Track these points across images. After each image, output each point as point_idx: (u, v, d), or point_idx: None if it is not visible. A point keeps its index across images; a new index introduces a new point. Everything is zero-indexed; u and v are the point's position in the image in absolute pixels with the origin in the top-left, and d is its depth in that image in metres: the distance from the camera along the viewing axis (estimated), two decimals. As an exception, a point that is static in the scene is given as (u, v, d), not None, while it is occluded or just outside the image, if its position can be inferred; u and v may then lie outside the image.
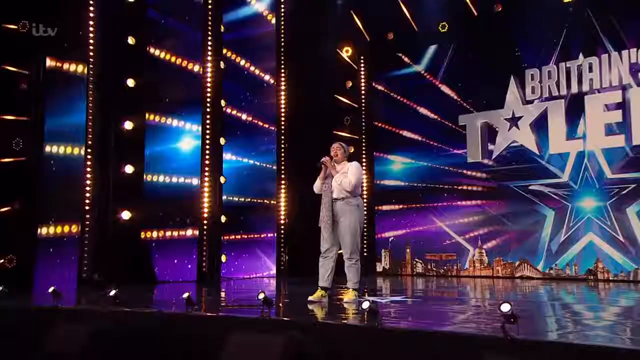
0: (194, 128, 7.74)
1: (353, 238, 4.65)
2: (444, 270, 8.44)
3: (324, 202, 4.72)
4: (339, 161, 4.84)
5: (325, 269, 4.73)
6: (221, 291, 6.65)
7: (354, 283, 4.73)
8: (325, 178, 4.80)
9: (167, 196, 7.30)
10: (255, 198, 8.51)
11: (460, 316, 4.15)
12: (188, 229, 7.54)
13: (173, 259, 7.38)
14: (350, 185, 4.69)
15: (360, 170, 4.81)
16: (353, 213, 4.69)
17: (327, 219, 4.68)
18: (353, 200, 4.75)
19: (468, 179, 8.25)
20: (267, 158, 8.68)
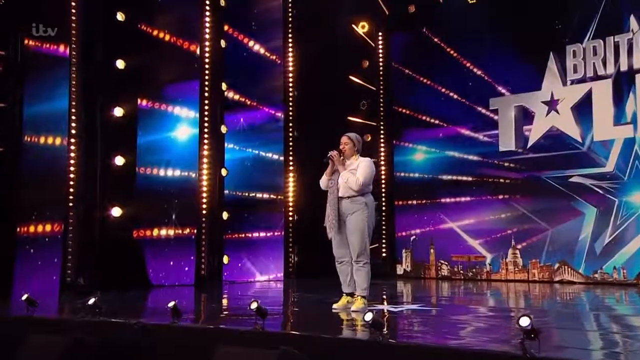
0: (192, 115, 7.67)
1: (361, 238, 4.62)
2: (473, 274, 8.30)
3: (330, 200, 4.71)
4: (348, 156, 4.79)
5: (344, 274, 4.75)
6: (223, 297, 6.67)
7: (362, 289, 4.68)
8: (332, 174, 4.76)
9: (162, 191, 7.24)
10: (261, 192, 8.45)
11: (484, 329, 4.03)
12: (185, 227, 7.47)
13: (169, 261, 7.32)
14: (357, 185, 4.66)
15: (372, 168, 4.77)
16: (361, 212, 4.67)
17: (333, 218, 4.65)
18: (361, 198, 4.72)
19: (500, 171, 8.11)
20: (274, 147, 8.62)
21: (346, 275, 4.74)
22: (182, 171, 7.53)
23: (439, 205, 8.65)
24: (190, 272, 7.49)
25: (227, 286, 7.61)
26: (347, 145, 4.81)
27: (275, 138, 8.63)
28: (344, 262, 4.75)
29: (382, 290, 6.94)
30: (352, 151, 4.80)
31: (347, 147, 4.81)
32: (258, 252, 8.35)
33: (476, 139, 8.33)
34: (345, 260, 4.73)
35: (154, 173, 7.26)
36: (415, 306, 5.43)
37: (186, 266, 7.48)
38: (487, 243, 8.22)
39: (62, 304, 5.65)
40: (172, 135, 7.49)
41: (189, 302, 6.20)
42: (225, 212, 7.93)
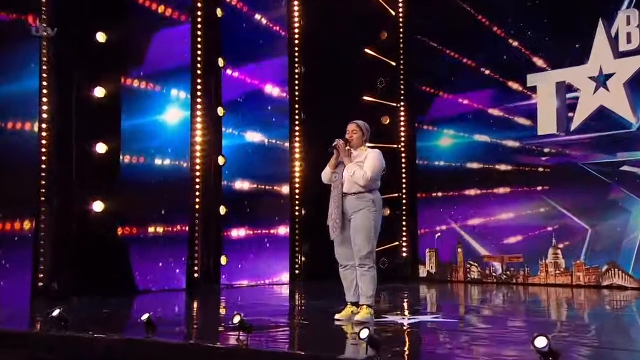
0: (183, 95, 7.59)
1: (366, 240, 4.60)
2: (508, 277, 8.21)
3: (333, 197, 4.69)
4: (355, 146, 4.77)
5: (349, 280, 4.75)
6: (217, 304, 6.63)
7: (367, 297, 4.64)
8: (336, 166, 4.75)
9: (150, 183, 7.18)
10: (264, 184, 8.40)
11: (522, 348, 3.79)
12: (177, 224, 7.41)
13: (157, 263, 7.25)
14: (364, 180, 4.64)
15: (381, 162, 4.74)
16: (367, 210, 4.64)
17: (337, 217, 4.64)
18: (367, 196, 4.69)
19: (539, 158, 8.04)
20: (278, 132, 8.57)
21: (351, 282, 4.73)
22: (173, 160, 7.45)
23: (468, 198, 8.58)
24: (182, 275, 7.44)
25: (224, 291, 7.58)
26: (355, 134, 4.77)
27: (279, 121, 8.59)
28: (348, 267, 4.73)
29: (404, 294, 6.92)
30: (360, 141, 4.77)
31: (355, 136, 4.77)
32: (260, 252, 8.29)
33: (511, 121, 8.26)
34: (350, 264, 4.72)
35: (141, 162, 7.16)
36: (439, 318, 5.34)
37: (177, 268, 7.42)
38: (524, 242, 8.13)
39: (32, 314, 5.58)
40: (161, 119, 7.40)
41: (175, 311, 6.17)
42: (222, 206, 7.85)
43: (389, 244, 8.75)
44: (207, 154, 7.75)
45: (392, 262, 8.87)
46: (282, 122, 8.59)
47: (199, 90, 7.69)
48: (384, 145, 8.78)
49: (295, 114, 8.72)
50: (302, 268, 8.66)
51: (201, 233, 7.64)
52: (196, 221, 7.60)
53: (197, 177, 7.66)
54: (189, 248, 7.50)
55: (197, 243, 7.59)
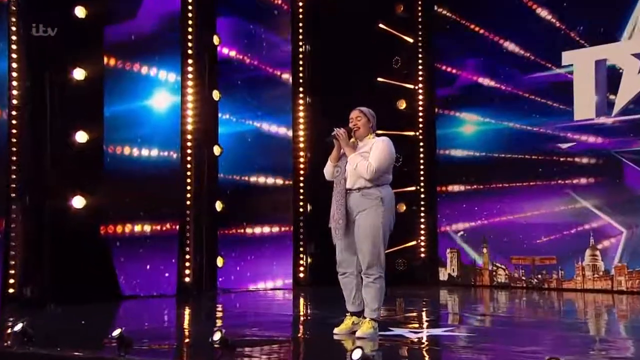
0: (173, 77, 7.52)
1: (373, 244, 4.49)
2: (539, 281, 8.14)
3: (335, 194, 4.58)
4: (361, 136, 4.65)
5: (349, 288, 4.66)
6: (214, 312, 6.58)
7: (372, 310, 4.54)
8: (338, 159, 4.64)
9: (137, 175, 7.14)
10: (264, 176, 8.33)
11: None
12: (166, 221, 7.37)
13: (145, 265, 7.20)
14: (369, 172, 4.50)
15: (390, 151, 4.62)
16: (375, 209, 4.51)
17: (339, 217, 4.51)
18: (374, 192, 4.55)
19: (575, 147, 7.94)
20: (281, 119, 8.50)
21: (351, 290, 4.64)
22: (162, 150, 7.40)
23: (494, 191, 8.49)
24: (172, 279, 7.39)
25: (220, 296, 7.56)
26: (359, 120, 4.65)
27: (282, 106, 8.53)
28: (348, 274, 4.64)
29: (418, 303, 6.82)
30: (366, 129, 4.66)
31: (360, 123, 4.65)
32: (261, 252, 8.24)
33: (544, 105, 8.14)
34: (350, 271, 4.63)
35: (126, 153, 7.11)
36: (458, 331, 5.20)
37: (167, 271, 7.36)
38: (557, 241, 8.05)
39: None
40: (148, 104, 7.34)
41: (160, 322, 6.08)
42: (218, 201, 7.75)
43: (405, 243, 8.72)
44: (200, 143, 7.66)
45: (408, 263, 8.83)
46: (285, 107, 8.53)
47: (190, 72, 7.59)
48: (400, 133, 8.88)
49: (299, 98, 8.65)
50: (307, 271, 8.58)
51: (194, 232, 7.58)
52: (187, 218, 7.53)
53: (189, 170, 7.58)
54: (179, 249, 7.45)
55: (188, 243, 7.52)
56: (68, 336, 4.73)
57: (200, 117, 7.67)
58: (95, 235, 6.83)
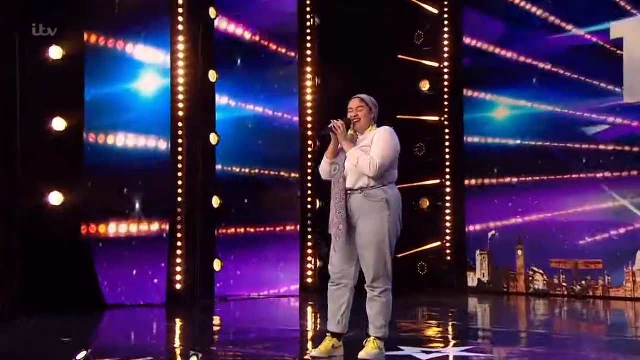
0: (161, 57, 7.43)
1: (379, 253, 4.38)
2: (582, 288, 8.05)
3: (334, 195, 4.49)
4: (362, 128, 4.54)
5: (337, 303, 4.53)
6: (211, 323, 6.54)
7: (378, 328, 4.43)
8: (335, 154, 4.53)
9: (122, 168, 7.10)
10: (268, 168, 8.29)
11: None
12: (155, 220, 7.32)
13: (131, 270, 7.17)
14: (372, 168, 4.37)
15: (394, 140, 4.49)
16: (379, 213, 4.40)
17: (340, 221, 4.39)
18: (379, 192, 4.42)
19: (625, 134, 7.82)
20: (286, 103, 8.47)
21: (340, 306, 4.49)
22: (150, 139, 7.33)
23: (530, 185, 8.39)
24: (161, 286, 7.33)
25: (217, 305, 7.52)
26: (361, 111, 4.53)
27: (287, 88, 8.50)
28: (342, 285, 4.49)
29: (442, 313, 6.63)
30: (367, 120, 4.53)
31: (361, 113, 4.53)
32: (264, 255, 8.22)
33: (589, 85, 8.05)
34: (345, 282, 4.49)
35: (109, 143, 7.05)
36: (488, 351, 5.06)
37: (156, 277, 7.30)
38: (603, 243, 7.99)
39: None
40: (134, 87, 7.29)
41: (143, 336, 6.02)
42: (215, 197, 7.70)
43: (428, 244, 8.74)
44: (193, 130, 7.58)
45: (432, 267, 8.83)
46: (291, 89, 8.48)
47: (182, 50, 7.51)
48: (422, 118, 8.89)
49: (306, 79, 8.56)
50: (316, 275, 8.55)
51: (186, 232, 7.52)
52: (178, 217, 7.46)
53: (180, 162, 7.51)
54: (170, 251, 7.39)
55: (180, 245, 7.44)
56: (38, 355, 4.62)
57: (193, 101, 7.60)
58: (75, 237, 6.79)
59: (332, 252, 4.51)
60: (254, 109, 8.20)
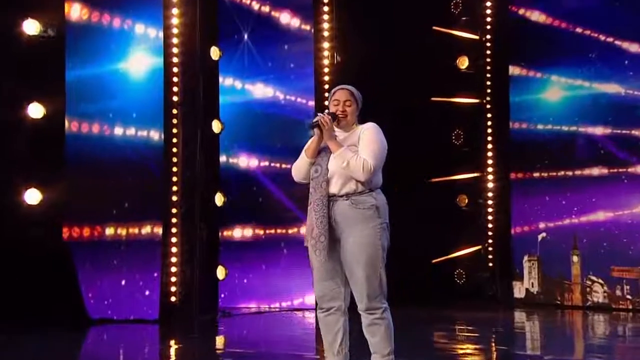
0: (154, 32, 7.42)
1: (373, 270, 4.35)
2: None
3: (314, 202, 4.42)
4: (346, 125, 4.52)
5: (331, 332, 4.48)
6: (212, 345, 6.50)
7: (383, 355, 4.39)
8: (315, 154, 4.49)
9: (108, 162, 7.12)
10: (279, 160, 8.19)
11: None
12: (146, 222, 7.33)
13: (119, 279, 7.18)
14: (365, 170, 4.32)
15: (383, 139, 4.47)
16: (369, 223, 4.36)
17: (320, 233, 4.33)
18: (368, 199, 4.39)
19: None
20: (300, 85, 8.42)
21: (335, 334, 4.43)
22: (140, 128, 7.32)
23: (588, 180, 8.32)
24: (154, 299, 7.26)
25: (221, 320, 7.46)
26: (349, 106, 4.48)
27: (301, 68, 8.45)
28: (333, 311, 4.43)
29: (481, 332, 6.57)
30: (353, 118, 4.52)
31: (349, 109, 4.48)
32: (276, 260, 8.19)
33: None
34: (336, 306, 4.42)
35: (94, 132, 7.05)
36: None
37: (148, 288, 7.26)
38: None
39: None
40: (122, 68, 7.28)
41: None
42: (219, 194, 7.62)
43: (466, 248, 8.67)
44: (192, 117, 7.55)
45: (471, 275, 8.72)
46: (305, 69, 8.42)
47: (176, 25, 7.45)
48: (460, 100, 8.74)
49: (324, 56, 8.47)
50: None
51: (183, 235, 7.49)
52: (173, 219, 7.42)
53: (175, 155, 7.47)
54: (164, 258, 7.35)
55: (174, 251, 7.38)
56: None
57: (191, 83, 7.54)
58: (55, 241, 6.78)
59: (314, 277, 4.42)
60: (263, 92, 8.21)
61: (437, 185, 8.50)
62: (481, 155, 8.79)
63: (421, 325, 6.84)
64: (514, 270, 8.67)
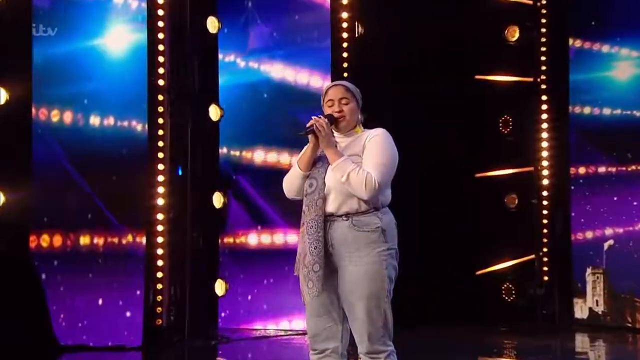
0: (135, 2, 7.43)
1: (375, 305, 4.26)
2: None
3: (308, 223, 4.32)
4: (346, 128, 4.43)
5: None
6: None
7: None
8: (311, 164, 4.41)
9: (83, 157, 7.14)
10: (290, 152, 8.09)
11: None
12: (127, 230, 7.31)
13: (95, 298, 7.13)
14: (369, 187, 4.22)
15: (394, 149, 4.35)
16: (373, 247, 4.26)
17: (314, 260, 4.24)
18: (372, 219, 4.29)
19: None
20: (315, 62, 8.33)
21: None
22: (120, 118, 7.31)
23: None
24: (136, 321, 7.18)
25: (220, 346, 7.46)
26: (346, 104, 4.38)
27: (317, 43, 8.43)
28: (327, 353, 4.36)
29: None
30: (353, 118, 4.41)
31: (346, 108, 4.37)
32: (287, 273, 7.56)
33: None
34: (332, 347, 4.35)
35: (66, 122, 7.07)
36: None
37: (128, 309, 7.20)
38: None
39: None
40: (99, 44, 7.26)
41: None
42: (217, 193, 7.60)
43: (516, 258, 8.55)
44: (182, 104, 7.52)
45: (523, 291, 8.58)
46: (321, 43, 8.36)
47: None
48: (508, 79, 8.58)
49: (342, 28, 8.37)
50: None
51: (170, 244, 7.43)
52: (159, 226, 7.35)
53: (161, 149, 7.38)
54: (148, 272, 7.31)
55: (162, 265, 7.33)
56: None
57: (182, 61, 7.54)
58: (20, 251, 6.80)
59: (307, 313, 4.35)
60: (270, 71, 8.26)
61: (480, 183, 8.35)
62: (534, 146, 8.67)
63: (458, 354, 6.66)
64: (575, 286, 8.59)
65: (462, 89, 8.33)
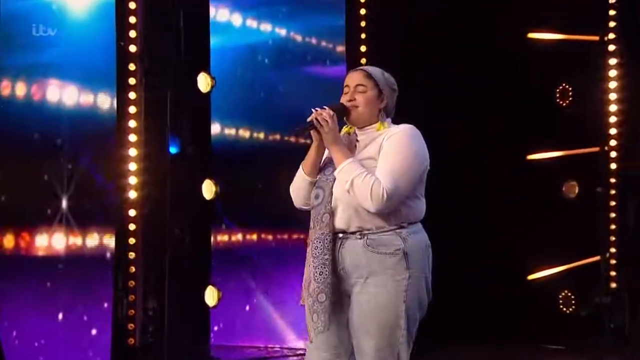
0: None
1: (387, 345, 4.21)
2: None
3: (313, 241, 4.24)
4: (362, 121, 4.32)
5: None
6: None
7: None
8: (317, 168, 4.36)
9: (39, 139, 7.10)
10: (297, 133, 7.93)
11: None
12: (91, 226, 7.23)
13: (55, 311, 7.08)
14: (376, 198, 4.12)
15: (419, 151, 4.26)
16: (392, 274, 4.20)
17: (320, 289, 4.18)
18: (391, 239, 4.22)
19: None
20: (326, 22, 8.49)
21: None
22: (85, 89, 7.22)
23: None
24: (103, 340, 7.14)
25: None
26: (362, 92, 4.27)
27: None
28: None
29: None
30: (370, 110, 4.27)
31: (360, 97, 4.26)
32: (291, 276, 7.91)
33: None
34: None
35: (19, 95, 6.98)
36: None
37: (94, 324, 7.19)
38: None
39: None
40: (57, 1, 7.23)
41: None
42: (208, 181, 7.56)
43: (578, 260, 8.58)
44: (159, 74, 7.38)
45: (586, 300, 8.58)
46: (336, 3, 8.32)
47: None
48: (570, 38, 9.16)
49: None
50: None
51: (144, 246, 7.26)
52: (130, 225, 7.21)
53: (133, 130, 7.24)
54: (117, 280, 7.21)
55: (134, 271, 7.20)
56: None
57: (161, 20, 7.41)
58: None
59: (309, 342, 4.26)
60: (273, 31, 8.42)
61: (533, 166, 8.25)
62: (600, 122, 8.53)
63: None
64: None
65: (513, 50, 8.14)
